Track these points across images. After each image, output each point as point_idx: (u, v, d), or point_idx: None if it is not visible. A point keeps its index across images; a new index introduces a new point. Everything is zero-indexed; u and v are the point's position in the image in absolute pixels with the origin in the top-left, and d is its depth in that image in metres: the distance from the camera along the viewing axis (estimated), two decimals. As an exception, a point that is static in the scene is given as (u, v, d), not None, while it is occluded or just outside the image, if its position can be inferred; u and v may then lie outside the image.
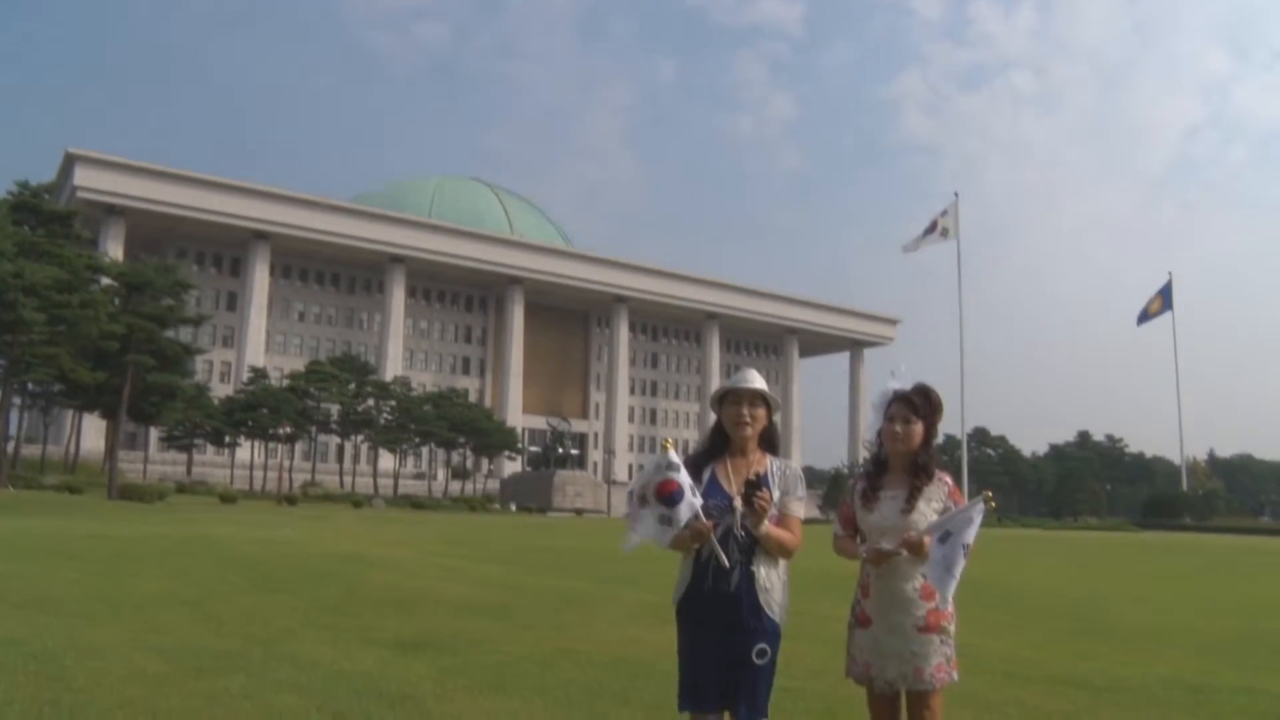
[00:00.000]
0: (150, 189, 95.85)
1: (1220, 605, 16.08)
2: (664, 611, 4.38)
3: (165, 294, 57.33)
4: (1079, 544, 47.44)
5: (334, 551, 21.04)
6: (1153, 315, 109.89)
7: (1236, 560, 34.00)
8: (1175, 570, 26.94)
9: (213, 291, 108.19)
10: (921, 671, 4.09)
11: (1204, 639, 11.32)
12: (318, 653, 8.33)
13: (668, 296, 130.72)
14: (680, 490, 3.98)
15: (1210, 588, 20.49)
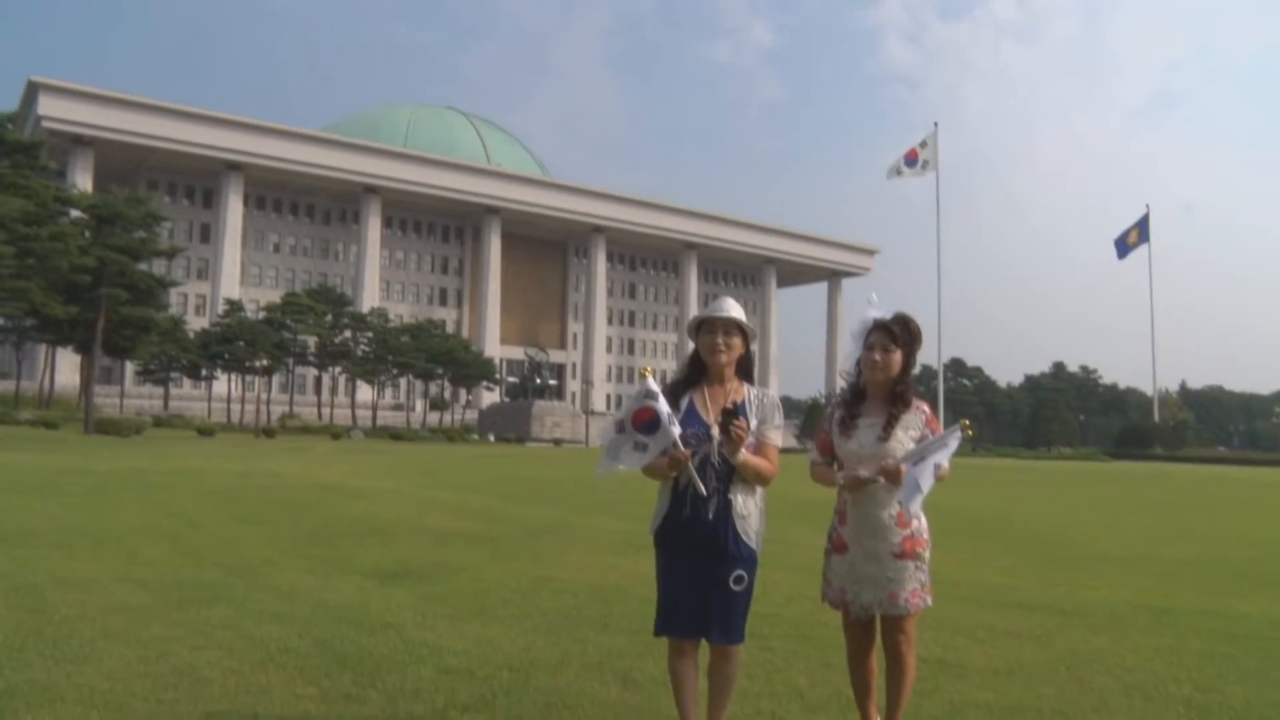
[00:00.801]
0: (118, 119, 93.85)
1: (1184, 533, 16.39)
2: (642, 540, 4.44)
3: (137, 226, 56.50)
4: (1051, 473, 48.12)
5: (313, 483, 21.11)
6: (1131, 247, 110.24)
7: (1202, 489, 34.60)
8: (1143, 499, 27.40)
9: (185, 223, 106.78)
10: (896, 596, 4.16)
11: (1168, 565, 11.54)
12: (299, 583, 8.40)
13: (646, 226, 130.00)
14: (658, 418, 4.00)
15: (1176, 516, 20.87)
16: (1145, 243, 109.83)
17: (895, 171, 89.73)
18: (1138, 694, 5.46)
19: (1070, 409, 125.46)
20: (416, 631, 6.57)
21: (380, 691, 5.09)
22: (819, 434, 4.47)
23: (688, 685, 4.17)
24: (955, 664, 6.04)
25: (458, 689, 5.18)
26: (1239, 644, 6.93)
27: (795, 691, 5.31)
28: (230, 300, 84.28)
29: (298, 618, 6.88)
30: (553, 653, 6.07)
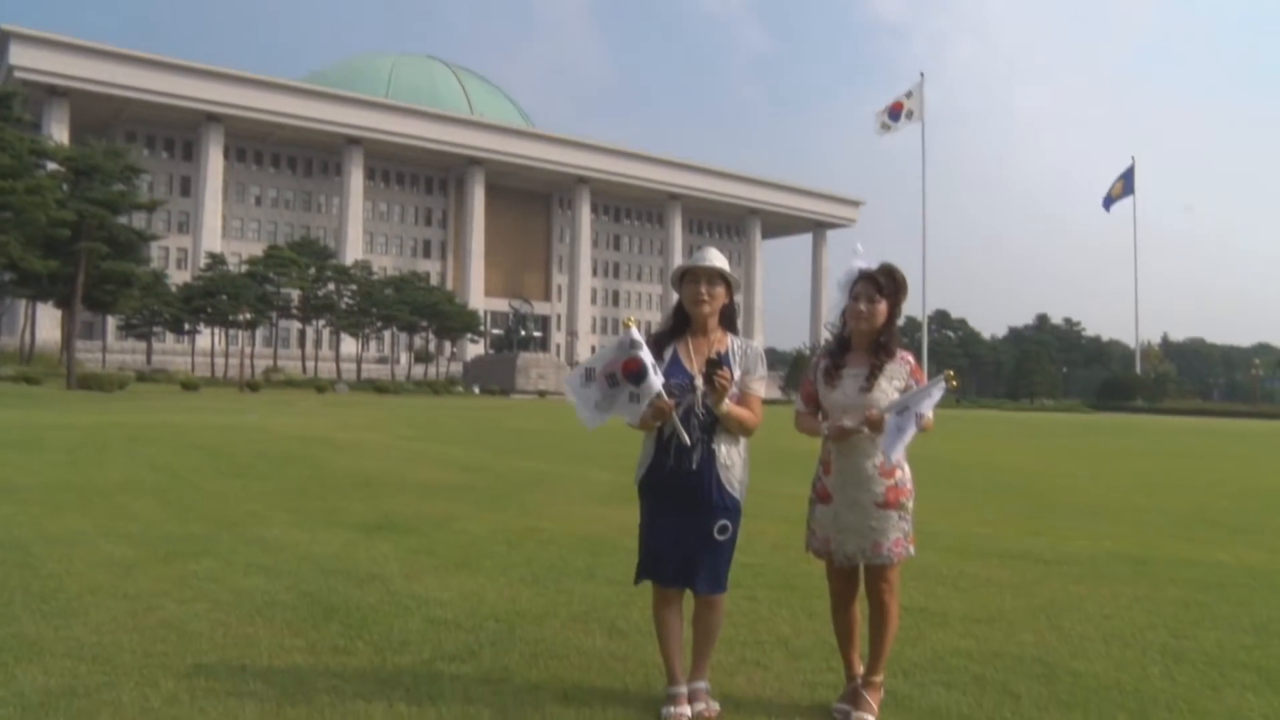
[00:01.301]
0: (94, 69, 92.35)
1: (1164, 483, 16.55)
2: (627, 491, 4.46)
3: (115, 179, 55.84)
4: (1034, 425, 48.48)
5: (298, 436, 21.10)
6: (1116, 199, 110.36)
7: (1182, 440, 34.92)
8: (1124, 450, 27.64)
9: (165, 176, 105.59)
10: (880, 546, 4.19)
11: (1147, 515, 11.66)
12: (285, 535, 8.42)
13: (630, 177, 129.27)
14: (643, 369, 4.00)
15: (1155, 467, 21.06)
16: (1130, 194, 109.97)
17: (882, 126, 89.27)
18: (1115, 640, 5.55)
19: (1053, 361, 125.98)
20: (403, 583, 6.60)
21: (367, 643, 5.13)
22: (804, 384, 4.47)
23: (673, 634, 4.21)
24: (937, 612, 6.11)
25: (445, 640, 5.22)
26: (1214, 591, 7.03)
27: (780, 640, 5.36)
28: (212, 254, 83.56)
29: (284, 570, 6.91)
30: (538, 603, 6.11)
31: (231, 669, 4.63)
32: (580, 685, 4.50)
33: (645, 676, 4.63)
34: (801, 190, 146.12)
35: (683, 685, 4.16)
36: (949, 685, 4.62)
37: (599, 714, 4.10)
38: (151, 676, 4.47)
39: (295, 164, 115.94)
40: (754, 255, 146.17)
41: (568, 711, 4.13)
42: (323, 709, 4.10)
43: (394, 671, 4.65)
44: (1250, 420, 69.47)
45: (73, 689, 4.27)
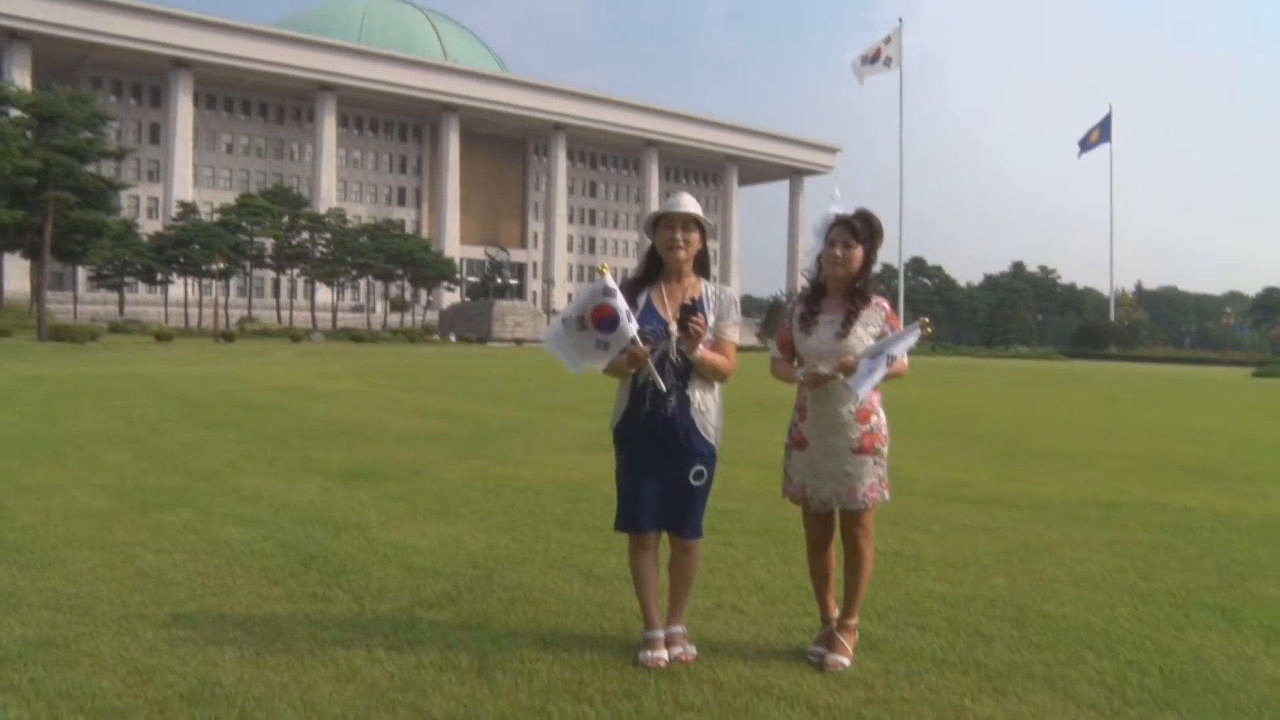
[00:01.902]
0: (56, 12, 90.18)
1: (1135, 430, 16.75)
2: (604, 438, 4.47)
3: (82, 126, 54.70)
4: (1009, 372, 48.87)
5: (274, 386, 21.01)
6: (1092, 145, 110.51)
7: (1153, 388, 35.29)
8: (1097, 398, 27.91)
9: (134, 124, 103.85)
10: (855, 491, 4.22)
11: (1119, 461, 11.82)
12: (262, 485, 8.41)
13: (606, 124, 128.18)
14: (616, 315, 3.99)
15: (1127, 414, 21.30)
16: (1106, 143, 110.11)
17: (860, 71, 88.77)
18: (1085, 583, 5.64)
19: (1028, 308, 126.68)
20: (381, 531, 6.62)
21: (346, 591, 5.15)
22: (779, 330, 4.47)
23: (648, 579, 4.25)
24: (912, 556, 6.19)
25: (423, 587, 5.25)
26: (1181, 535, 7.16)
27: (756, 584, 5.42)
28: (183, 202, 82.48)
29: (262, 520, 6.91)
30: (516, 550, 6.15)
31: (210, 618, 4.64)
32: (558, 630, 4.54)
33: (623, 621, 4.67)
34: (779, 137, 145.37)
35: (659, 630, 4.20)
36: (922, 628, 4.69)
37: (577, 659, 4.15)
38: (130, 626, 4.47)
39: (267, 111, 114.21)
40: (731, 202, 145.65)
41: (546, 656, 4.16)
42: (302, 656, 4.12)
43: (373, 619, 4.68)
44: (1220, 367, 70.24)
45: (50, 639, 4.27)
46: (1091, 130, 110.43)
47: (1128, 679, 4.05)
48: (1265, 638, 4.69)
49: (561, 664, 4.09)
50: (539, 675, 3.95)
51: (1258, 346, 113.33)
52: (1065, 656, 4.32)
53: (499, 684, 3.85)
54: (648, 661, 4.08)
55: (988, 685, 3.95)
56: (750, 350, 40.48)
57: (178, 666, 3.98)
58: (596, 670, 4.02)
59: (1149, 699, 3.84)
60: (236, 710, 3.54)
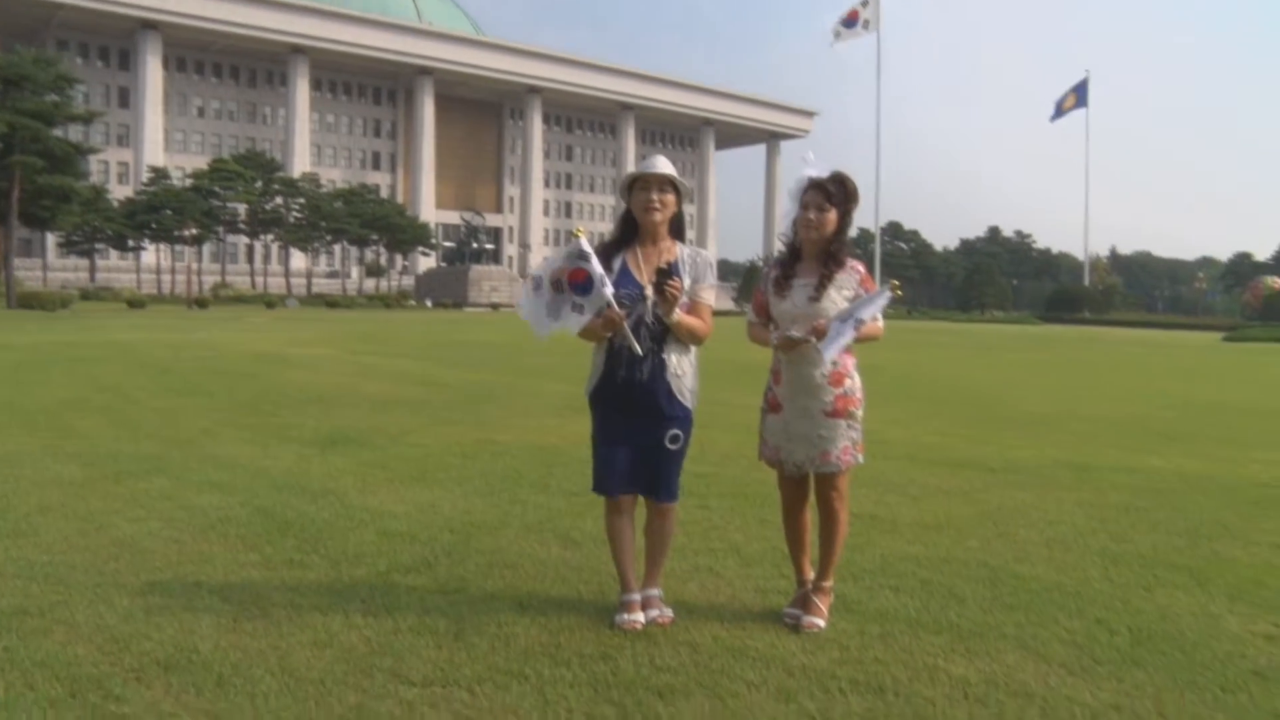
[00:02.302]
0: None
1: (1108, 394, 16.89)
2: (580, 402, 4.47)
3: (48, 89, 53.78)
4: (984, 336, 49.14)
5: (249, 352, 20.88)
6: (1066, 111, 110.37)
7: (1126, 352, 35.57)
8: (1070, 362, 28.12)
9: (102, 87, 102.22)
10: (828, 454, 4.24)
11: (1092, 424, 11.92)
12: (238, 452, 8.37)
13: (582, 87, 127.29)
14: (591, 279, 3.98)
15: (1101, 377, 21.47)
16: (1083, 108, 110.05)
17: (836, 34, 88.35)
18: (1058, 545, 5.71)
19: (1004, 273, 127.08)
20: (358, 497, 6.61)
21: (323, 556, 5.15)
22: (755, 294, 4.47)
23: (625, 542, 4.27)
24: (887, 519, 6.24)
25: (400, 552, 5.25)
26: (1151, 497, 7.24)
27: (732, 547, 5.46)
28: (154, 167, 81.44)
29: (238, 487, 6.89)
30: (493, 514, 6.16)
31: (186, 585, 4.63)
32: (535, 594, 4.56)
33: (599, 585, 4.70)
34: (755, 100, 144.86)
35: (636, 593, 4.23)
36: (897, 589, 4.74)
37: (554, 622, 4.17)
38: (105, 594, 4.46)
39: (238, 74, 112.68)
40: (707, 166, 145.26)
41: (523, 620, 4.18)
42: (279, 623, 4.12)
43: (350, 584, 4.68)
44: (1191, 332, 70.80)
45: (24, 608, 4.25)
46: (1067, 95, 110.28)
47: (1097, 638, 4.12)
48: (1230, 596, 4.77)
49: (538, 627, 4.11)
50: (516, 639, 3.97)
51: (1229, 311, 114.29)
52: (1037, 616, 4.38)
53: (476, 647, 3.87)
54: (624, 624, 4.10)
55: (960, 645, 3.99)
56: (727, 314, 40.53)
57: (154, 634, 3.97)
58: (573, 633, 4.05)
59: (1117, 657, 3.90)
60: (214, 676, 3.54)
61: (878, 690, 3.51)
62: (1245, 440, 10.80)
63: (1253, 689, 3.62)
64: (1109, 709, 3.40)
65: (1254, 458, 9.45)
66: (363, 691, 3.43)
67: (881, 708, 3.37)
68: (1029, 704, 3.42)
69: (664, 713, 3.30)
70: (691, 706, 3.35)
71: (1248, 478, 8.26)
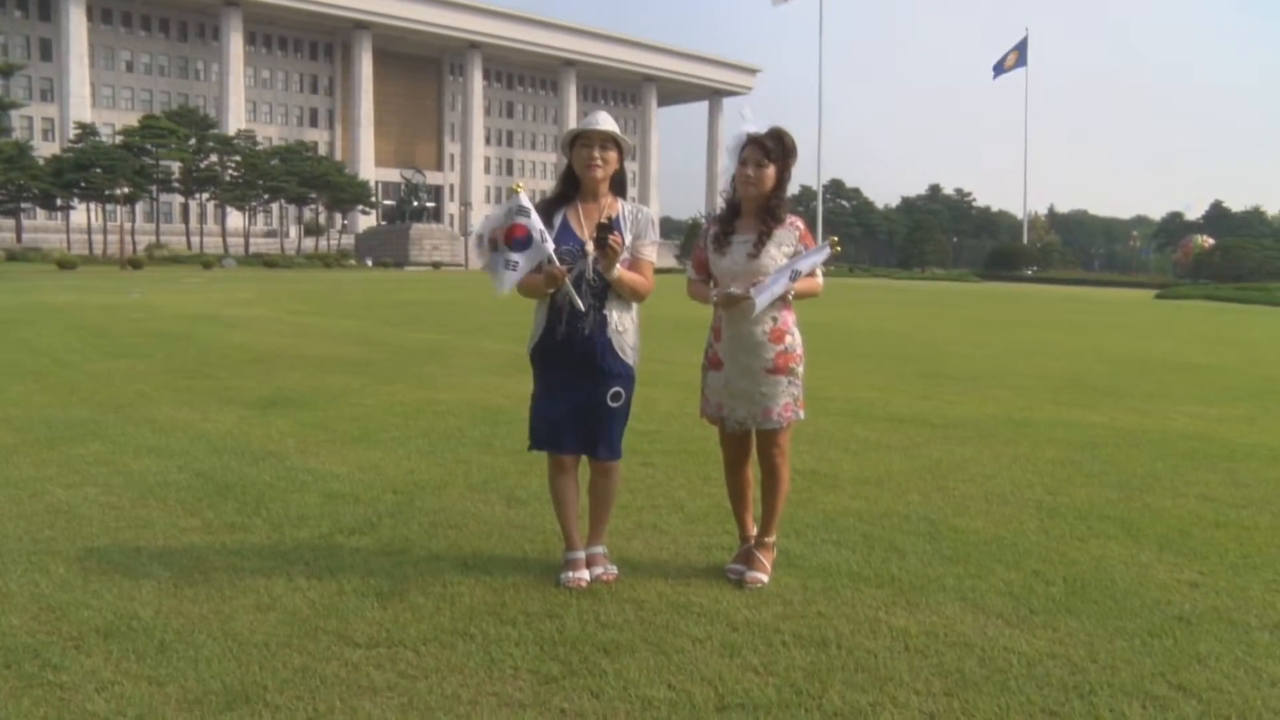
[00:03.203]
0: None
1: (1046, 350, 17.20)
2: (523, 361, 4.46)
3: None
4: (924, 293, 49.73)
5: (186, 314, 20.51)
6: (1008, 69, 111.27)
7: (1063, 309, 36.22)
8: (1009, 319, 28.58)
9: (21, 38, 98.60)
10: (770, 411, 4.27)
11: (1030, 380, 12.15)
12: (176, 415, 8.24)
13: (523, 43, 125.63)
14: (529, 235, 3.96)
15: (1038, 335, 21.85)
16: (1023, 66, 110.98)
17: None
18: (995, 499, 5.83)
19: (944, 231, 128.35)
20: (299, 459, 6.55)
21: (265, 520, 5.10)
22: (695, 251, 4.47)
23: (569, 501, 4.28)
24: (829, 475, 6.32)
25: (342, 514, 5.22)
26: (1086, 451, 7.42)
27: (675, 504, 5.50)
28: (81, 123, 78.97)
29: (176, 451, 6.79)
30: (436, 474, 6.14)
31: (125, 551, 4.56)
32: (479, 553, 4.57)
33: (544, 543, 4.72)
34: (698, 57, 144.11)
35: (580, 550, 4.25)
36: (839, 544, 4.81)
37: (499, 581, 4.18)
38: (40, 562, 4.38)
39: (169, 27, 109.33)
40: (650, 123, 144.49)
41: (467, 579, 4.19)
42: (221, 587, 4.08)
43: (293, 547, 4.65)
44: (1126, 289, 72.24)
45: (-44, 575, 4.17)
46: (1008, 54, 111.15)
47: (1033, 589, 4.22)
48: (1159, 546, 4.91)
49: (484, 586, 4.11)
50: (461, 598, 3.97)
51: (1161, 270, 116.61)
52: (975, 569, 4.47)
53: (421, 608, 3.87)
54: (569, 582, 4.12)
55: (901, 598, 4.07)
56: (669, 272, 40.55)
57: (92, 601, 3.91)
58: (519, 592, 4.06)
59: (1053, 606, 4.01)
60: (155, 643, 3.51)
61: (821, 644, 3.57)
62: (1174, 395, 11.09)
63: (1178, 633, 3.74)
64: (1045, 657, 3.49)
65: (1182, 410, 9.73)
66: (307, 654, 3.42)
67: (825, 661, 3.43)
68: (968, 654, 3.50)
69: (609, 669, 3.33)
70: (637, 662, 3.39)
71: (1176, 430, 8.50)
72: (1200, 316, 32.36)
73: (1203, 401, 10.52)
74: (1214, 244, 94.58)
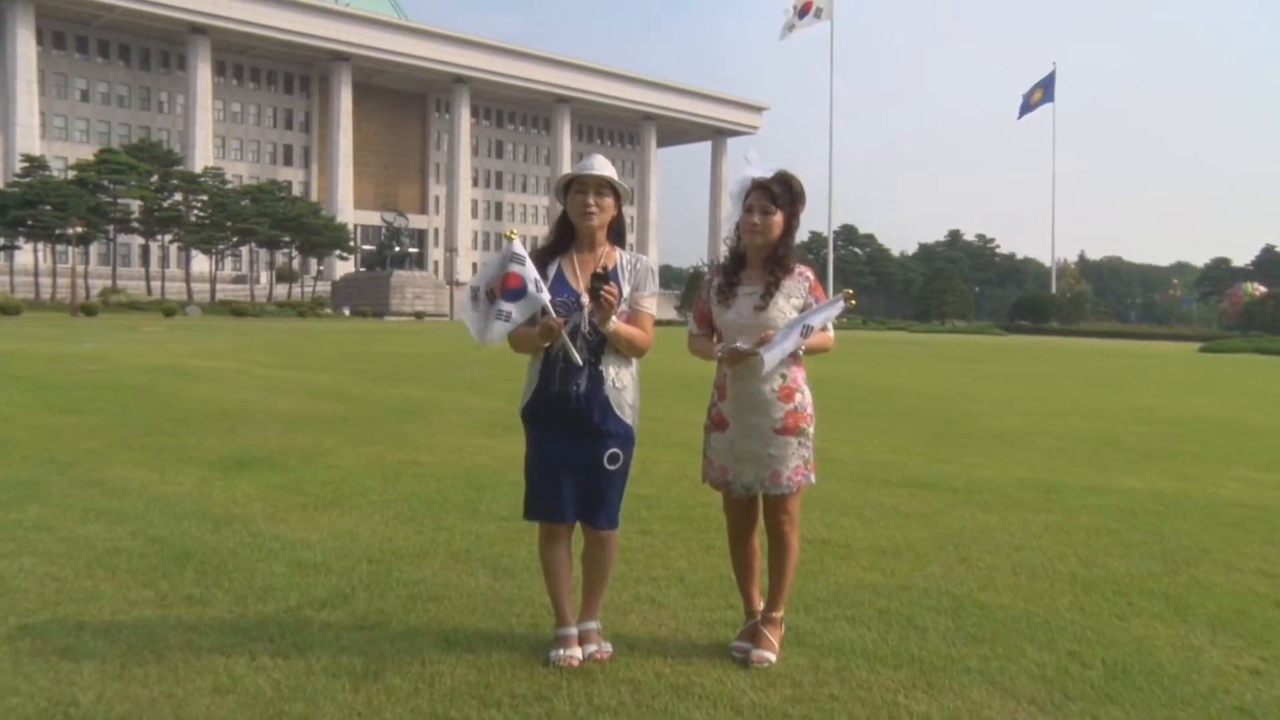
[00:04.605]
0: None
1: (1077, 409, 17.17)
2: (511, 419, 4.46)
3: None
4: (944, 347, 49.82)
5: (144, 365, 20.50)
6: (1034, 106, 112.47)
7: (1096, 364, 36.24)
8: (1037, 374, 28.57)
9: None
10: (779, 474, 4.26)
11: (1059, 441, 12.12)
12: (129, 476, 8.20)
13: (514, 78, 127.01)
14: (524, 284, 3.98)
15: (1069, 391, 21.82)
16: (1050, 102, 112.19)
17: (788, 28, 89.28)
18: (1025, 571, 5.78)
19: (965, 280, 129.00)
20: (267, 524, 6.51)
21: (226, 591, 5.05)
22: (696, 303, 4.49)
23: (561, 573, 4.25)
24: (841, 544, 6.28)
25: (313, 584, 5.18)
26: (1125, 519, 7.37)
27: (676, 576, 5.46)
28: (29, 156, 79.26)
29: (129, 515, 6.73)
30: (416, 542, 6.10)
31: (66, 628, 4.50)
32: (462, 629, 4.53)
33: (532, 618, 4.68)
34: (701, 94, 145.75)
35: (573, 626, 4.21)
36: (853, 620, 4.77)
37: (483, 660, 4.13)
38: (-27, 637, 4.32)
39: (129, 54, 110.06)
40: (649, 164, 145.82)
41: (449, 658, 4.14)
42: (175, 666, 4.03)
43: (257, 621, 4.60)
44: (1166, 342, 72.44)
45: (-116, 651, 4.11)
46: (1034, 89, 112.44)
47: (1069, 672, 4.17)
48: (1211, 626, 4.85)
49: (466, 665, 4.07)
50: (441, 679, 3.93)
51: (1205, 320, 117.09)
52: (1003, 649, 4.43)
53: (397, 689, 3.82)
54: (560, 660, 4.09)
55: (922, 680, 4.03)
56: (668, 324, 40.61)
57: (24, 686, 3.83)
58: (504, 671, 4.02)
59: (1091, 693, 3.96)
60: (99, 727, 3.45)
61: (834, 730, 3.53)
62: (1224, 458, 11.03)
63: (1232, 724, 3.69)
64: (1079, 747, 3.45)
65: (1234, 476, 9.67)
66: (269, 740, 3.37)
67: (838, 749, 3.38)
68: (995, 743, 3.46)
69: (602, 758, 3.28)
70: (632, 751, 3.34)
71: (1227, 498, 8.44)
72: (1251, 372, 32.30)
73: (1256, 466, 10.46)
74: (1265, 292, 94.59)
